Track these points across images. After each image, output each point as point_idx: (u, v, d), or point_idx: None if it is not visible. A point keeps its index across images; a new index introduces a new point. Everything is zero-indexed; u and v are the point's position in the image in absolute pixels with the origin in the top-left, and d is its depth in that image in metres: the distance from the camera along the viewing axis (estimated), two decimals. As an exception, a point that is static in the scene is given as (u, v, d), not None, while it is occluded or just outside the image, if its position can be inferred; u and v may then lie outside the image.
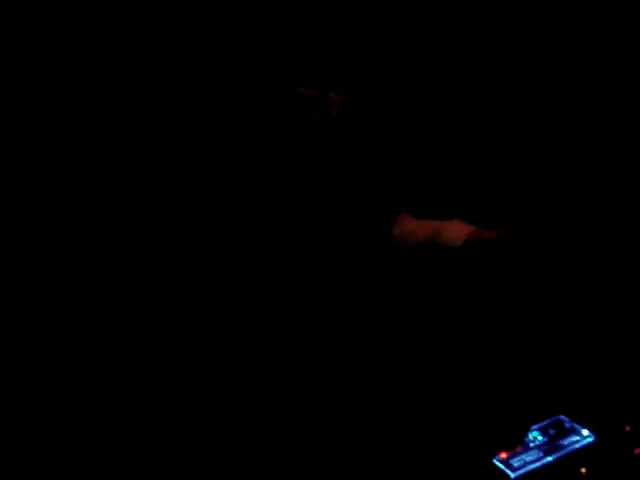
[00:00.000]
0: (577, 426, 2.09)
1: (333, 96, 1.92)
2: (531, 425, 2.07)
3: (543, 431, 2.09)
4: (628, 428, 2.10)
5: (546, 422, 2.11)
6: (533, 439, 2.07)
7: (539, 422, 2.11)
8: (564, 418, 2.12)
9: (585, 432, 2.08)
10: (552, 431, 2.09)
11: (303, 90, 2.02)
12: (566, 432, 2.08)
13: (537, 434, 2.08)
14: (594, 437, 2.06)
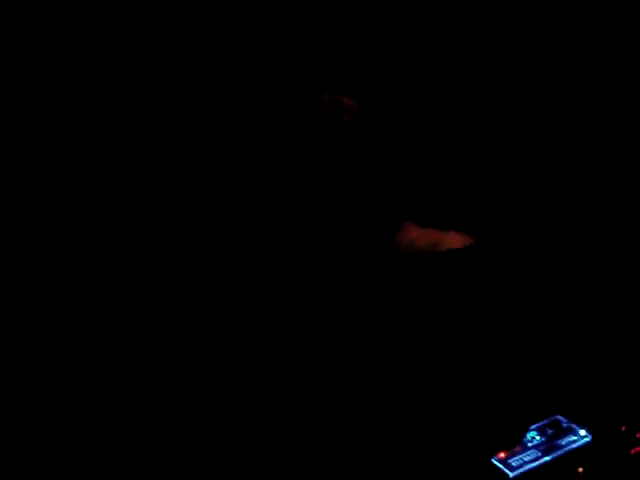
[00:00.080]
0: (574, 426, 2.15)
1: (346, 101, 1.94)
2: (529, 425, 2.12)
3: (541, 431, 2.15)
4: (624, 428, 2.15)
5: (544, 422, 2.17)
6: (531, 439, 2.12)
7: (537, 422, 2.17)
8: (561, 418, 2.17)
9: (582, 432, 2.13)
10: (550, 431, 2.14)
11: (316, 94, 2.05)
12: (563, 432, 2.13)
13: (535, 434, 2.13)
14: (591, 437, 2.11)
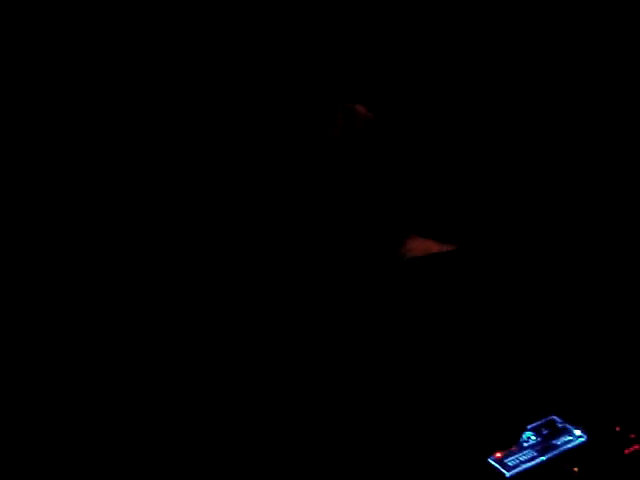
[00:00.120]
0: (569, 426, 2.14)
1: (360, 110, 1.92)
2: (526, 425, 2.11)
3: (536, 431, 2.14)
4: (618, 429, 2.15)
5: (539, 422, 2.16)
6: (527, 439, 2.11)
7: (532, 422, 2.16)
8: (557, 418, 2.17)
9: (577, 432, 2.13)
10: (545, 431, 2.13)
11: (330, 102, 2.03)
12: (559, 432, 2.13)
13: (531, 434, 2.12)
14: (586, 437, 2.11)
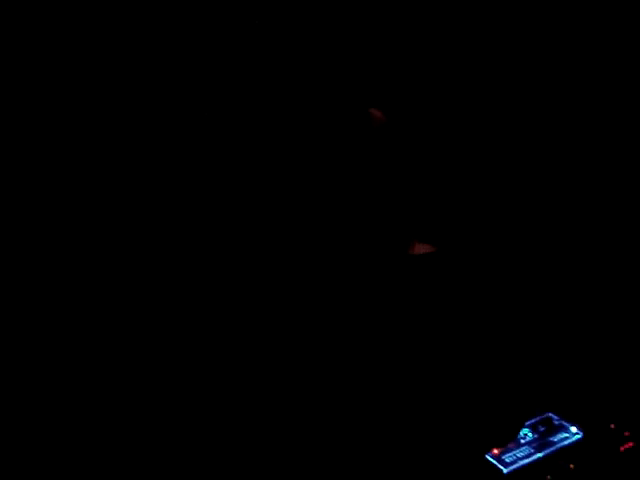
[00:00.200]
0: (566, 423, 2.16)
1: (375, 113, 1.91)
2: (524, 423, 2.13)
3: (533, 428, 2.16)
4: (613, 426, 2.17)
5: (536, 419, 2.18)
6: (524, 436, 2.13)
7: (529, 419, 2.18)
8: (553, 416, 2.18)
9: (573, 429, 2.15)
10: (542, 428, 2.15)
11: (345, 105, 2.03)
12: (555, 429, 2.15)
13: (527, 431, 2.14)
14: (582, 434, 2.13)
